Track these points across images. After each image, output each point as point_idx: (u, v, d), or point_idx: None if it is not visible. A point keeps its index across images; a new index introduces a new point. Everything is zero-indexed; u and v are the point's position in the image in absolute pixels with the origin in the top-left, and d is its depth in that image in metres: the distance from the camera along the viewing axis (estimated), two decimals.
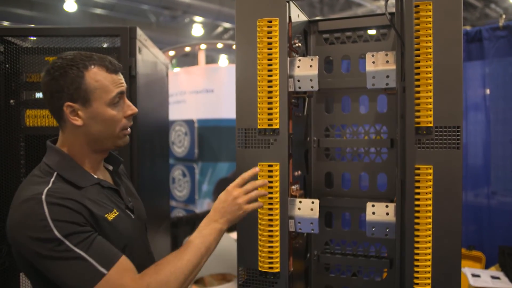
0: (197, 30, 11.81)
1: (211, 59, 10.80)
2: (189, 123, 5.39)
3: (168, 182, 3.08)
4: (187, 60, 9.86)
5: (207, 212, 4.56)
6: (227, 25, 10.95)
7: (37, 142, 2.14)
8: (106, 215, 1.19)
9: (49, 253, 1.06)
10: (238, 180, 1.37)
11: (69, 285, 1.08)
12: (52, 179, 1.16)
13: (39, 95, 2.12)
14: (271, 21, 1.50)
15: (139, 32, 2.02)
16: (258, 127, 1.54)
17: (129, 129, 1.29)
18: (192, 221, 4.11)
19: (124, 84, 1.26)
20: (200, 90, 5.55)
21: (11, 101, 2.07)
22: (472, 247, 3.09)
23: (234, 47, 1.64)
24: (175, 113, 5.62)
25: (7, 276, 2.08)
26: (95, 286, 1.07)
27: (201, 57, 5.94)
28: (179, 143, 5.53)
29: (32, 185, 1.15)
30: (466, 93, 3.24)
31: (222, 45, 5.86)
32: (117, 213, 1.23)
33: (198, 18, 11.73)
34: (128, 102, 1.27)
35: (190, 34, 11.80)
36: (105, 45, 2.08)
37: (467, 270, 2.80)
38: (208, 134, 5.32)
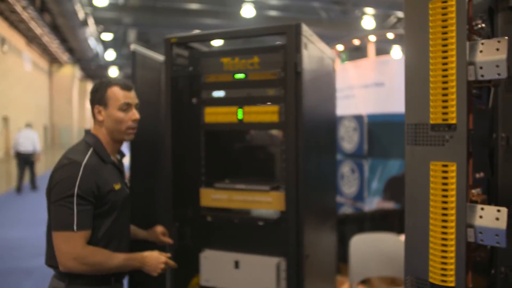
0: (368, 22, 11.50)
1: (383, 51, 10.38)
2: (359, 118, 5.25)
3: (335, 178, 3.03)
4: (358, 54, 9.67)
5: (375, 211, 4.35)
6: (400, 14, 10.40)
7: (214, 137, 2.35)
8: (114, 185, 1.75)
9: (58, 197, 1.62)
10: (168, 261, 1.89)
11: (52, 221, 1.65)
12: (89, 152, 1.73)
13: (216, 94, 2.32)
14: (446, 1, 1.32)
15: (304, 28, 2.02)
16: (431, 122, 1.38)
17: (133, 129, 1.84)
18: (360, 220, 3.98)
19: (133, 99, 1.82)
20: (369, 84, 5.34)
21: (193, 99, 2.31)
22: None
23: None
24: (344, 108, 5.55)
25: (189, 257, 2.33)
26: (62, 231, 1.60)
27: (371, 49, 5.70)
28: (348, 139, 5.43)
29: (76, 153, 1.72)
30: None
31: (393, 36, 5.50)
32: (120, 185, 1.79)
33: (369, 10, 11.41)
34: (134, 111, 1.82)
35: (361, 27, 11.56)
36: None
37: None
38: (378, 129, 5.09)
